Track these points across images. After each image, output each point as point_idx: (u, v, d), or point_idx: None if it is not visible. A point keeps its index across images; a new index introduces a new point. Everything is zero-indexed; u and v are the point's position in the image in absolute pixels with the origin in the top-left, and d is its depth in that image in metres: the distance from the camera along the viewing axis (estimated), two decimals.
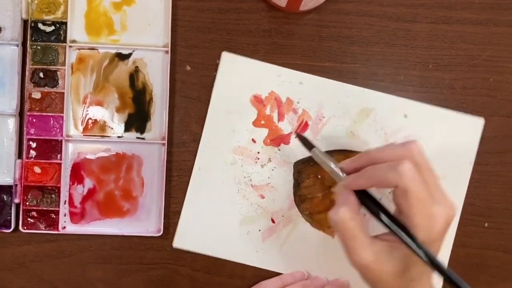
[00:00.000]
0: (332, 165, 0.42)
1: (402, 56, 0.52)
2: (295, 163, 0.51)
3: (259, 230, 0.51)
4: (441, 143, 0.51)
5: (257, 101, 0.51)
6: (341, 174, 0.42)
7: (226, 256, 0.51)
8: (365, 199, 0.40)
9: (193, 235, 0.51)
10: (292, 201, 0.51)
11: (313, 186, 0.50)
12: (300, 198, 0.50)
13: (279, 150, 0.51)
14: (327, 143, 0.51)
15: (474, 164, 0.52)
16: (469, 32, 0.52)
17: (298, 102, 0.51)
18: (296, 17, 0.51)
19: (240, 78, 0.51)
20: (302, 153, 0.50)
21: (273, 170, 0.51)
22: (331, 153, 0.50)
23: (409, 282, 0.40)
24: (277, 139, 0.51)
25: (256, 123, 0.51)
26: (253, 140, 0.51)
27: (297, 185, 0.50)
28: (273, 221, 0.51)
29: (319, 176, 0.50)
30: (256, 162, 0.51)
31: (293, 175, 0.51)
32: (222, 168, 0.51)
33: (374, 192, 0.40)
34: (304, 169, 0.50)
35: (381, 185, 0.40)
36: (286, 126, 0.51)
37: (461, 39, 0.52)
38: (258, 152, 0.51)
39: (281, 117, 0.51)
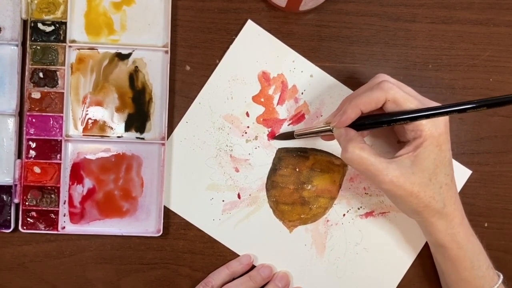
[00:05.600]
0: (317, 126, 0.47)
1: (402, 56, 0.52)
2: (279, 149, 0.51)
3: (223, 201, 0.51)
4: None
5: (265, 78, 0.51)
6: (328, 126, 0.45)
7: (185, 215, 0.51)
8: (362, 124, 0.44)
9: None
10: (264, 184, 0.51)
11: (289, 176, 0.51)
12: (272, 183, 0.51)
13: (268, 131, 0.51)
14: (315, 141, 0.51)
15: (474, 164, 0.52)
16: (469, 32, 0.52)
17: (302, 93, 0.51)
18: (296, 17, 0.51)
19: (256, 51, 0.51)
20: (289, 142, 0.51)
21: (256, 148, 0.51)
22: (317, 152, 0.51)
23: (439, 189, 0.43)
24: (270, 121, 0.51)
25: (255, 98, 0.51)
26: (247, 114, 0.51)
27: (273, 170, 0.51)
28: (239, 196, 0.51)
29: (297, 169, 0.51)
30: (242, 136, 0.51)
31: (273, 160, 0.51)
32: (208, 129, 0.51)
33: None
34: (286, 158, 0.51)
35: (369, 107, 0.43)
36: (283, 112, 0.51)
37: (461, 39, 0.52)
38: (248, 127, 0.51)
39: (281, 101, 0.51)
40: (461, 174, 0.52)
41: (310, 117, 0.51)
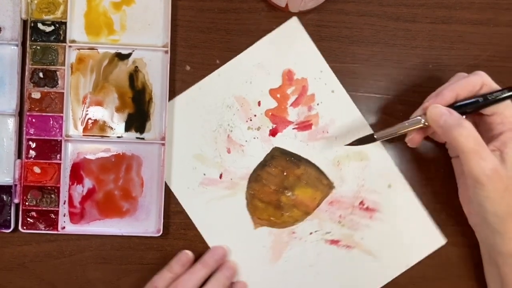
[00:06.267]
0: (405, 123, 0.45)
1: (402, 56, 0.52)
2: (275, 147, 0.51)
3: (204, 174, 0.51)
4: None
5: (288, 76, 0.51)
6: (419, 117, 0.45)
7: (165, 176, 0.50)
8: (459, 107, 0.43)
9: None
10: (249, 174, 0.51)
11: (274, 176, 0.51)
12: (257, 177, 0.51)
13: (272, 127, 0.51)
14: (312, 153, 0.51)
15: None
16: (469, 32, 0.52)
17: (318, 104, 0.51)
18: (296, 17, 0.51)
19: (290, 47, 0.51)
20: (288, 144, 0.51)
21: (254, 138, 0.51)
22: (309, 164, 0.51)
23: None
24: (277, 118, 0.51)
25: (272, 92, 0.51)
26: (259, 103, 0.51)
27: (263, 165, 0.51)
28: (220, 176, 0.51)
29: (285, 173, 0.51)
30: (246, 121, 0.51)
31: (266, 155, 0.51)
32: (217, 102, 0.51)
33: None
34: (278, 158, 0.51)
35: (466, 89, 0.43)
36: (293, 114, 0.51)
37: (461, 39, 0.52)
38: (255, 115, 0.51)
39: (295, 104, 0.51)
40: (435, 240, 0.51)
41: (316, 129, 0.51)
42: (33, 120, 0.50)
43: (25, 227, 0.50)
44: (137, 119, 0.51)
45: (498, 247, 0.44)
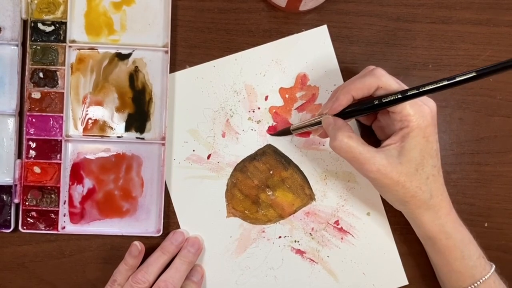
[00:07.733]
0: (310, 119, 0.47)
1: (402, 56, 0.52)
2: (269, 144, 0.51)
3: (193, 150, 0.51)
4: None
5: (302, 80, 0.51)
6: (321, 118, 0.45)
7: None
8: (349, 112, 0.44)
9: None
10: (236, 162, 0.51)
11: (260, 172, 0.51)
12: (243, 167, 0.51)
13: (271, 124, 0.51)
14: (303, 161, 0.51)
15: (474, 164, 0.52)
16: (469, 32, 0.52)
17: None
18: (296, 17, 0.51)
19: (312, 54, 0.51)
20: (282, 145, 0.51)
21: (252, 130, 0.51)
22: (297, 170, 0.51)
23: (426, 180, 0.43)
24: (279, 117, 0.51)
25: (282, 91, 0.51)
26: (266, 98, 0.51)
27: (252, 158, 0.51)
28: (208, 157, 0.51)
29: (271, 172, 0.51)
30: (249, 111, 0.51)
31: (258, 150, 0.51)
32: (226, 85, 0.51)
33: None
34: (269, 156, 0.51)
35: (361, 92, 0.43)
36: (295, 118, 0.51)
37: (461, 39, 0.52)
38: (259, 108, 0.51)
39: (301, 109, 0.51)
40: (397, 279, 0.52)
41: (313, 139, 0.51)
42: (33, 120, 0.50)
43: (25, 227, 0.50)
44: (137, 119, 0.51)
45: (416, 230, 0.48)
